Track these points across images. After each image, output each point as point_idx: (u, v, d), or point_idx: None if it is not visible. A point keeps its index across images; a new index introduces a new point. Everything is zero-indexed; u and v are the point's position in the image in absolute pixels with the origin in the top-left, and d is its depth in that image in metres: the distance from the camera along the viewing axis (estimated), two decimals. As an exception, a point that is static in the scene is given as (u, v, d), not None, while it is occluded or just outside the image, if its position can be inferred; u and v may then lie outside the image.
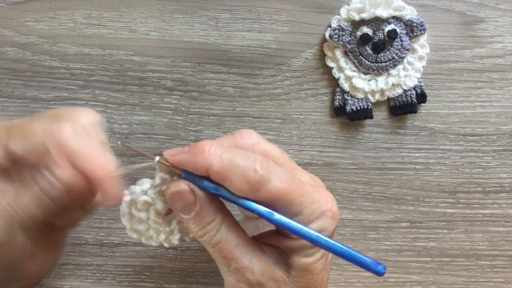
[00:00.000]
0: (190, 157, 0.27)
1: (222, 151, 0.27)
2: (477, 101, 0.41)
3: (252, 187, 0.26)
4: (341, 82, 0.40)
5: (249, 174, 0.26)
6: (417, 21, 0.39)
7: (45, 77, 0.40)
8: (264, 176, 0.26)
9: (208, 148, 0.26)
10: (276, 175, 0.27)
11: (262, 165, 0.27)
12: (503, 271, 0.42)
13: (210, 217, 0.28)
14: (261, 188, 0.26)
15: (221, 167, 0.26)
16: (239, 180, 0.26)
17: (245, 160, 0.26)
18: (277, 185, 0.27)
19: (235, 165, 0.26)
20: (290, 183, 0.27)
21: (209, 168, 0.26)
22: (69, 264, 0.41)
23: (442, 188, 0.42)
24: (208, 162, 0.26)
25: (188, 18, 0.40)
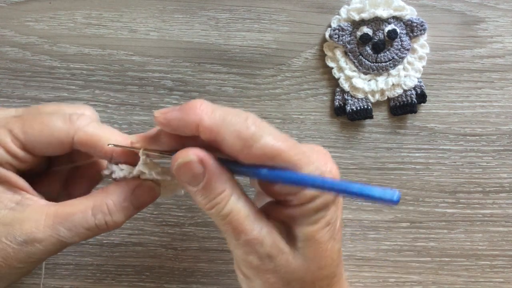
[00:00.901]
0: (180, 113, 0.26)
1: (214, 107, 0.26)
2: (477, 101, 0.41)
3: (244, 143, 0.25)
4: (341, 82, 0.40)
5: (241, 129, 0.25)
6: (417, 21, 0.39)
7: (45, 77, 0.40)
8: (257, 132, 0.25)
9: (200, 105, 0.26)
10: (270, 133, 0.25)
11: (255, 122, 0.25)
12: (503, 271, 0.42)
13: (219, 188, 0.26)
14: (254, 144, 0.25)
15: (213, 123, 0.25)
16: (231, 136, 0.25)
17: (237, 117, 0.25)
18: (270, 142, 0.25)
19: (227, 120, 0.25)
20: (284, 141, 0.26)
21: (200, 123, 0.25)
22: (69, 264, 0.41)
23: (442, 188, 0.42)
24: (199, 117, 0.25)
25: (188, 18, 0.40)
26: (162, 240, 0.41)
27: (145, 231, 0.41)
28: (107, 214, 0.28)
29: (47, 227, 0.27)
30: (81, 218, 0.27)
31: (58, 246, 0.28)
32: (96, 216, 0.27)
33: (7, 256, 0.27)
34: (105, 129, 0.28)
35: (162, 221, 0.41)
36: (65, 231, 0.27)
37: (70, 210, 0.27)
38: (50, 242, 0.27)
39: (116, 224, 0.28)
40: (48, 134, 0.27)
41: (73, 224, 0.27)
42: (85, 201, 0.28)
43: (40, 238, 0.27)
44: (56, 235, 0.27)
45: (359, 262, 0.42)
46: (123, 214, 0.28)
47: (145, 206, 0.29)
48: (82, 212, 0.27)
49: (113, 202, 0.28)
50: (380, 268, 0.42)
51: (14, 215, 0.27)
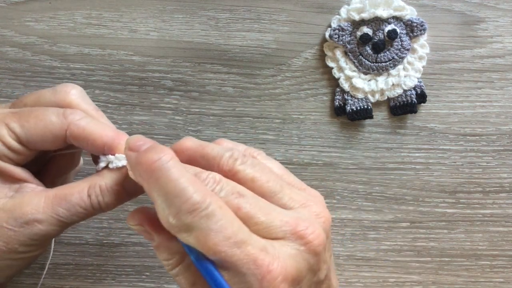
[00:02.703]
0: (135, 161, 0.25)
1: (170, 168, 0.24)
2: (477, 101, 0.41)
3: (173, 227, 0.24)
4: (341, 82, 0.40)
5: (170, 215, 0.23)
6: (417, 21, 0.39)
7: (45, 77, 0.40)
8: (186, 224, 0.23)
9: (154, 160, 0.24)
10: (207, 225, 0.23)
11: (194, 211, 0.23)
12: (503, 271, 0.42)
13: (166, 256, 0.26)
14: (177, 234, 0.24)
15: (150, 192, 0.24)
16: (161, 212, 0.24)
17: (175, 196, 0.23)
18: (194, 239, 0.23)
19: (168, 192, 0.23)
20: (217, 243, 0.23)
21: (142, 182, 0.24)
22: (69, 264, 0.41)
23: (442, 188, 0.42)
24: (142, 179, 0.24)
25: (188, 18, 0.40)
26: (162, 240, 0.41)
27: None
28: (99, 194, 0.29)
29: (47, 208, 0.28)
30: (78, 198, 0.28)
31: (58, 227, 0.29)
32: (91, 196, 0.28)
33: (9, 239, 0.28)
34: (96, 124, 0.29)
35: (162, 221, 0.41)
36: (64, 211, 0.28)
37: (68, 191, 0.29)
38: (50, 223, 0.28)
39: (107, 205, 0.29)
40: (42, 128, 0.28)
41: (71, 204, 0.28)
42: (82, 183, 0.29)
43: (41, 219, 0.28)
44: (56, 215, 0.28)
45: (359, 262, 0.42)
46: (114, 197, 0.29)
47: (138, 193, 0.30)
48: (79, 193, 0.28)
49: (105, 184, 0.29)
50: (380, 268, 0.42)
51: (14, 201, 0.28)
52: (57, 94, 0.30)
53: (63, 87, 0.31)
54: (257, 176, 0.26)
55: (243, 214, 0.24)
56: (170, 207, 0.23)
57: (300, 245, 0.25)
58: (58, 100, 0.30)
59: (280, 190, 0.27)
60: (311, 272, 0.25)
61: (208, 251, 0.23)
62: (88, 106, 0.31)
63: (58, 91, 0.30)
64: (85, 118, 0.29)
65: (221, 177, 0.26)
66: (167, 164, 0.24)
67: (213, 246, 0.23)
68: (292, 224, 0.25)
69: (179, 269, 0.26)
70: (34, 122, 0.28)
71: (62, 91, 0.30)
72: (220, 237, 0.23)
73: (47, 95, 0.30)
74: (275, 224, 0.25)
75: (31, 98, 0.30)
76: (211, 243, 0.23)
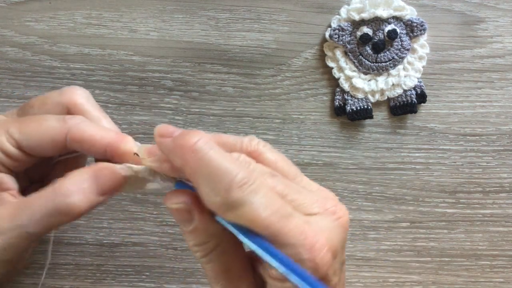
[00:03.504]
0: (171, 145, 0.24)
1: (207, 152, 0.23)
2: (477, 101, 0.41)
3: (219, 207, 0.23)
4: (341, 82, 0.40)
5: (220, 192, 0.23)
6: (417, 21, 0.39)
7: (45, 77, 0.40)
8: (238, 199, 0.23)
9: (193, 143, 0.23)
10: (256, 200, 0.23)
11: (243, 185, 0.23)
12: (503, 271, 0.42)
13: (204, 239, 0.25)
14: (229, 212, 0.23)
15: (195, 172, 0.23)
16: (208, 194, 0.23)
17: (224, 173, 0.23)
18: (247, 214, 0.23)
19: (211, 174, 0.23)
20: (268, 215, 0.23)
21: (185, 166, 0.24)
22: (69, 264, 0.41)
23: (442, 188, 0.42)
24: (185, 159, 0.23)
25: (188, 18, 0.40)
26: (162, 240, 0.41)
27: (145, 231, 0.41)
28: (67, 196, 0.26)
29: (9, 217, 0.27)
30: (40, 204, 0.26)
31: (22, 239, 0.27)
32: (56, 200, 0.26)
33: None
34: (97, 127, 0.29)
35: (162, 221, 0.41)
36: (26, 220, 0.26)
37: (30, 198, 0.27)
38: (13, 234, 0.26)
39: (75, 206, 0.26)
40: (42, 133, 0.28)
41: (33, 211, 0.26)
42: (46, 188, 0.27)
43: (2, 230, 0.26)
44: (18, 226, 0.26)
45: (359, 262, 0.42)
46: (84, 197, 0.27)
47: (110, 192, 0.28)
48: (41, 197, 0.27)
49: (73, 185, 0.27)
50: (380, 268, 0.42)
51: None
52: (63, 95, 0.30)
53: (70, 88, 0.31)
54: (279, 158, 0.27)
55: (278, 192, 0.25)
56: (217, 185, 0.23)
57: (334, 220, 0.26)
58: (64, 100, 0.30)
59: (299, 174, 0.27)
60: (342, 248, 0.26)
61: (258, 225, 0.23)
62: (93, 107, 0.31)
63: (64, 92, 0.30)
64: (86, 121, 0.29)
65: (250, 159, 0.26)
66: (207, 145, 0.23)
67: (264, 220, 0.23)
68: (322, 202, 0.26)
69: (214, 254, 0.26)
70: (34, 127, 0.28)
71: (68, 92, 0.30)
72: (269, 211, 0.23)
73: (54, 96, 0.30)
74: (308, 201, 0.25)
75: (38, 100, 0.30)
76: (262, 217, 0.23)
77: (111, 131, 0.29)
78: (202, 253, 0.26)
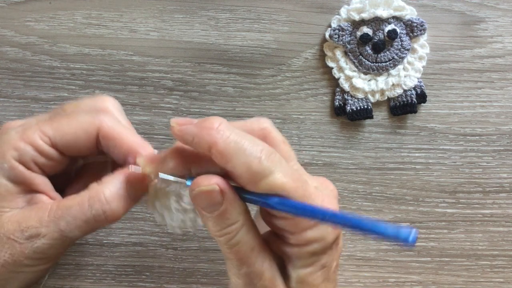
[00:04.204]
0: (196, 130, 0.25)
1: (231, 132, 0.25)
2: (477, 101, 0.41)
3: (253, 177, 0.25)
4: (341, 82, 0.40)
5: (253, 162, 0.25)
6: (417, 21, 0.39)
7: (45, 77, 0.40)
8: (267, 167, 0.25)
9: (217, 125, 0.25)
10: (281, 169, 0.25)
11: (269, 156, 0.25)
12: (503, 271, 0.42)
13: (233, 219, 0.26)
14: (262, 180, 0.25)
15: (226, 148, 0.25)
16: (241, 167, 0.25)
17: (251, 147, 0.25)
18: (279, 180, 0.25)
19: (241, 149, 0.25)
20: (294, 180, 0.25)
21: (213, 146, 0.25)
22: (69, 264, 0.41)
23: (442, 188, 0.42)
24: (214, 139, 0.25)
25: (188, 18, 0.40)
26: (162, 240, 0.41)
27: (145, 231, 0.41)
28: (104, 203, 0.27)
29: (49, 222, 0.27)
30: (78, 210, 0.27)
31: (62, 242, 0.28)
32: (93, 207, 0.27)
33: (14, 251, 0.27)
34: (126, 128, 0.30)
35: (162, 221, 0.41)
36: (65, 225, 0.27)
37: (68, 203, 0.28)
38: (53, 237, 0.27)
39: (114, 213, 0.28)
40: (76, 126, 0.28)
41: (72, 217, 0.27)
42: (83, 193, 0.28)
43: (43, 233, 0.27)
44: (58, 229, 0.27)
45: (359, 262, 0.42)
46: (121, 203, 0.28)
47: (140, 196, 0.29)
48: (79, 204, 0.27)
49: (110, 191, 0.28)
50: (380, 268, 0.42)
51: (23, 213, 0.28)
52: (96, 101, 0.30)
53: (103, 96, 0.31)
54: (284, 139, 0.29)
55: None
56: (248, 158, 0.25)
57: (330, 191, 0.29)
58: (95, 105, 0.30)
59: (295, 157, 0.30)
60: None
61: (288, 189, 0.25)
62: (122, 116, 0.31)
63: (97, 98, 0.31)
64: (116, 120, 0.29)
65: None
66: (229, 126, 0.25)
67: (292, 184, 0.25)
68: (315, 178, 0.29)
69: (240, 235, 0.26)
70: (67, 122, 0.29)
71: (101, 99, 0.31)
72: (294, 177, 0.26)
73: (86, 101, 0.31)
74: (307, 177, 0.29)
75: (71, 105, 0.31)
76: (290, 182, 0.25)
77: (137, 135, 0.30)
78: (229, 236, 0.26)
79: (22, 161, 0.28)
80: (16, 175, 0.28)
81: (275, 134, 0.28)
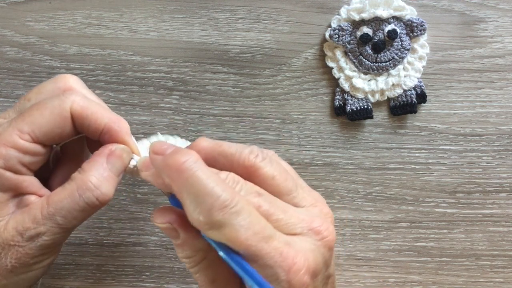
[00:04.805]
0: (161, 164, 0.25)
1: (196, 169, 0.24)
2: (477, 101, 0.41)
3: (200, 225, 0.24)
4: (341, 82, 0.40)
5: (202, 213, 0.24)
6: (417, 21, 0.39)
7: (45, 77, 0.40)
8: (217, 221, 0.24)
9: (183, 161, 0.24)
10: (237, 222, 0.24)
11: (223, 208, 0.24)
12: (503, 271, 0.42)
13: (190, 254, 0.27)
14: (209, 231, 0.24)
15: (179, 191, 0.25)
16: (191, 213, 0.24)
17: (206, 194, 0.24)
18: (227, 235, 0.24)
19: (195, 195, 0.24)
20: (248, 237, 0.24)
21: (172, 184, 0.25)
22: (69, 264, 0.41)
23: (442, 188, 0.42)
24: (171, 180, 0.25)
25: (188, 18, 0.40)
26: (162, 240, 0.41)
27: (145, 231, 0.41)
28: (94, 189, 0.28)
29: (45, 219, 0.27)
30: (70, 203, 0.28)
31: (63, 233, 0.28)
32: (84, 196, 0.28)
33: (19, 255, 0.28)
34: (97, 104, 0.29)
35: (162, 221, 0.41)
36: (61, 219, 0.28)
37: (58, 198, 0.28)
38: (53, 232, 0.28)
39: (105, 195, 0.28)
40: (49, 114, 0.28)
41: (66, 210, 0.28)
42: (68, 186, 0.28)
43: (43, 231, 0.28)
44: (56, 224, 0.28)
45: (359, 262, 0.42)
46: (109, 183, 0.28)
47: (123, 171, 0.29)
48: (70, 197, 0.28)
49: (95, 177, 0.28)
50: (380, 268, 0.42)
51: (16, 218, 0.28)
52: (58, 82, 0.30)
53: (63, 75, 0.31)
54: (276, 174, 0.27)
55: (263, 212, 0.26)
56: (200, 205, 0.24)
57: (317, 240, 0.26)
58: (59, 86, 0.30)
59: (295, 189, 0.28)
60: (325, 266, 0.27)
61: (239, 246, 0.24)
62: (88, 91, 0.31)
63: (58, 79, 0.30)
64: (85, 98, 0.29)
65: (239, 177, 0.27)
66: (194, 165, 0.24)
67: (244, 241, 0.24)
68: (308, 221, 0.27)
69: (201, 266, 0.27)
70: (39, 113, 0.28)
71: (63, 78, 0.30)
72: (249, 233, 0.24)
73: (48, 85, 0.30)
74: (293, 221, 0.26)
75: (33, 92, 0.30)
76: (242, 238, 0.24)
77: (108, 110, 0.30)
78: (189, 265, 0.27)
79: (8, 166, 0.28)
80: (4, 183, 0.28)
81: (264, 170, 0.27)
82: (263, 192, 0.27)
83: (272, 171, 0.27)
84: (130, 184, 0.41)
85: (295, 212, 0.27)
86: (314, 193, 0.30)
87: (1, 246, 0.27)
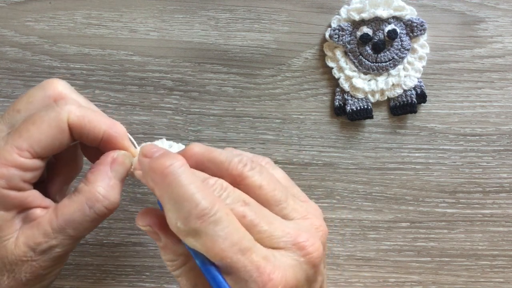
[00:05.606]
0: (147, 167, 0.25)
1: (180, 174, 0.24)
2: (477, 101, 0.41)
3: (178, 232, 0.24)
4: (341, 82, 0.40)
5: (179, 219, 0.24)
6: (417, 21, 0.39)
7: (45, 77, 0.40)
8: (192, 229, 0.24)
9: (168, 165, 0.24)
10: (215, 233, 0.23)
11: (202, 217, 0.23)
12: (503, 271, 0.42)
13: (172, 257, 0.27)
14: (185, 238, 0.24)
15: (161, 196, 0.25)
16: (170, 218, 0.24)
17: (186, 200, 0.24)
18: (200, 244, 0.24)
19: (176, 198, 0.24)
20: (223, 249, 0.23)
21: (154, 187, 0.25)
22: (69, 264, 0.41)
23: (442, 188, 0.42)
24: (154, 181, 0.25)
25: (188, 18, 0.40)
26: (162, 240, 0.41)
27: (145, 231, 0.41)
28: (103, 200, 0.28)
29: (56, 233, 0.28)
30: (81, 216, 0.28)
31: (75, 242, 0.29)
32: (94, 207, 0.28)
33: (33, 269, 0.28)
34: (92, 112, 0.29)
35: (162, 221, 0.41)
36: (72, 231, 0.28)
37: (67, 211, 0.28)
38: (65, 244, 0.28)
39: (114, 204, 0.29)
40: (46, 128, 0.28)
41: (77, 223, 0.28)
42: (76, 198, 0.28)
43: (54, 244, 0.28)
44: (67, 236, 0.28)
45: (359, 262, 0.42)
46: (115, 191, 0.29)
47: (126, 175, 0.30)
48: (79, 210, 0.28)
49: (103, 187, 0.28)
50: (380, 268, 0.42)
51: (25, 233, 0.28)
52: (47, 89, 0.29)
53: (50, 81, 0.30)
54: (264, 183, 0.27)
55: (247, 222, 0.25)
56: (179, 212, 0.24)
57: (300, 256, 0.25)
58: (49, 93, 0.29)
59: (285, 200, 0.27)
60: (308, 283, 0.26)
61: (214, 256, 0.24)
62: (78, 96, 0.30)
63: (46, 85, 0.30)
64: (81, 106, 0.29)
65: (227, 184, 0.26)
66: (178, 170, 0.24)
67: (219, 252, 0.23)
68: (293, 235, 0.26)
69: (182, 270, 0.27)
70: (36, 128, 0.28)
71: (51, 85, 0.30)
72: (226, 244, 0.23)
73: (36, 93, 0.29)
74: (277, 234, 0.25)
75: (22, 102, 0.29)
76: (218, 249, 0.23)
77: (103, 115, 0.30)
78: (171, 268, 0.27)
79: (11, 186, 0.27)
80: (8, 202, 0.28)
81: (251, 180, 0.27)
82: (250, 201, 0.26)
83: (260, 181, 0.27)
84: (130, 184, 0.41)
85: (281, 225, 0.26)
86: (309, 204, 0.29)
87: (14, 263, 0.28)
